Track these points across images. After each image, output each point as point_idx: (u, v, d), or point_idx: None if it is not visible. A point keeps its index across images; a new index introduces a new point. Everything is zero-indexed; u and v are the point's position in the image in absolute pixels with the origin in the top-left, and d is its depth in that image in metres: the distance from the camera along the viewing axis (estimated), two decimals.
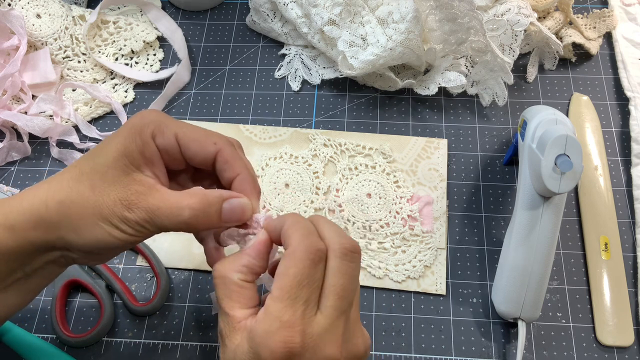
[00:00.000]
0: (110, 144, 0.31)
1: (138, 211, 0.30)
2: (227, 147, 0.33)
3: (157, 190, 0.31)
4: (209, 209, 0.31)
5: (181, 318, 0.45)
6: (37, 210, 0.30)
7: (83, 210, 0.30)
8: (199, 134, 0.32)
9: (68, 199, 0.30)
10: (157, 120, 0.32)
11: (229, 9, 0.61)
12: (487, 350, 0.43)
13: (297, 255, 0.28)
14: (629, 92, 0.52)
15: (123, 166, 0.31)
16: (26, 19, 0.53)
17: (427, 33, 0.52)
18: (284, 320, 0.27)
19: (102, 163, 0.31)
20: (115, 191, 0.30)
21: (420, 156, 0.50)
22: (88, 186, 0.30)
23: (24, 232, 0.30)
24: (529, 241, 0.41)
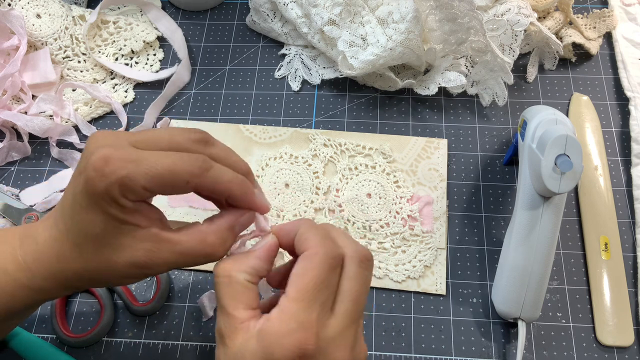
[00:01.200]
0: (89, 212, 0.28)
1: (156, 267, 0.29)
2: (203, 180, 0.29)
3: (166, 241, 0.29)
4: (226, 245, 0.30)
5: (181, 318, 0.45)
6: (61, 279, 0.30)
7: (101, 275, 0.30)
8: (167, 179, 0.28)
9: (81, 269, 0.29)
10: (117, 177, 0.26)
11: (229, 9, 0.61)
12: (487, 350, 0.43)
13: (317, 258, 0.28)
14: (629, 92, 0.52)
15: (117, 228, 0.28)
16: (26, 19, 0.53)
17: (427, 33, 0.52)
18: (300, 321, 0.27)
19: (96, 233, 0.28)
20: (123, 256, 0.29)
21: (420, 156, 0.50)
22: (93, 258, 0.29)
23: (54, 292, 0.31)
24: (529, 241, 0.41)
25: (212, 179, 0.29)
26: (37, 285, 0.30)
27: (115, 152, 0.27)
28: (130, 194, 0.27)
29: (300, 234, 0.30)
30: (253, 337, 0.28)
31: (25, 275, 0.30)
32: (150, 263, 0.29)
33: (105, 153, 0.27)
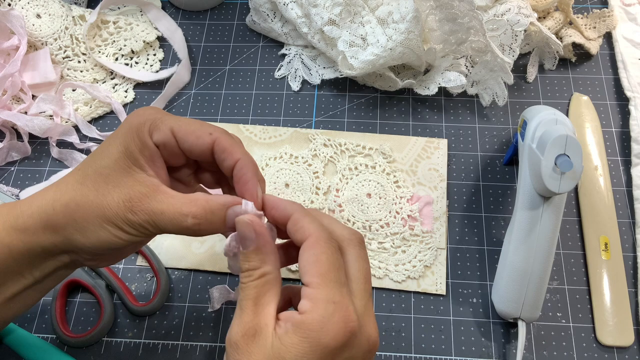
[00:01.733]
0: (111, 146, 0.31)
1: (141, 214, 0.30)
2: (223, 136, 0.32)
3: (161, 192, 0.31)
4: (212, 217, 0.31)
5: (181, 318, 0.45)
6: (45, 213, 0.31)
7: (87, 213, 0.30)
8: (194, 126, 0.32)
9: (73, 201, 0.30)
10: (152, 117, 0.32)
11: (229, 9, 0.61)
12: (487, 350, 0.43)
13: (323, 243, 0.29)
14: (629, 92, 0.52)
15: (125, 167, 0.31)
16: (26, 19, 0.53)
17: (427, 33, 0.52)
18: (335, 302, 0.28)
19: (105, 165, 0.31)
20: (118, 193, 0.30)
21: (420, 156, 0.50)
22: (92, 188, 0.30)
23: (34, 234, 0.31)
24: (529, 241, 0.41)
25: (232, 141, 0.32)
26: (21, 223, 0.31)
27: (155, 107, 0.33)
28: (156, 133, 0.31)
29: (295, 220, 0.31)
30: (288, 332, 0.28)
31: (14, 216, 0.31)
32: (138, 205, 0.30)
33: (146, 107, 0.33)
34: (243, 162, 0.32)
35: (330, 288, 0.28)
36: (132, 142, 0.31)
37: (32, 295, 0.33)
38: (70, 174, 0.32)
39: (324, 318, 0.27)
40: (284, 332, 0.28)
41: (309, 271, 0.29)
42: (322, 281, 0.28)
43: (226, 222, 0.31)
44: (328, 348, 0.27)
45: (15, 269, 0.32)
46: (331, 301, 0.28)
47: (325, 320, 0.27)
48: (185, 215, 0.30)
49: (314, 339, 0.27)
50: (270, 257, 0.31)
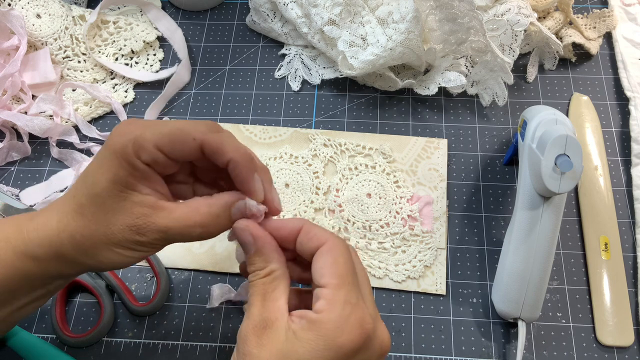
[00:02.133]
0: (98, 173, 0.30)
1: (150, 233, 0.30)
2: (209, 136, 0.31)
3: (162, 208, 0.31)
4: (218, 220, 0.31)
5: (181, 318, 0.45)
6: (54, 244, 0.31)
7: (95, 242, 0.30)
8: (177, 135, 0.30)
9: (78, 233, 0.30)
10: (133, 135, 0.30)
11: (229, 9, 0.61)
12: (487, 350, 0.43)
13: (340, 247, 0.30)
14: (629, 92, 0.52)
15: (118, 192, 0.30)
16: (26, 19, 0.53)
17: (427, 33, 0.52)
18: (353, 303, 0.28)
19: (97, 193, 0.30)
20: (120, 220, 0.30)
21: (420, 156, 0.50)
22: (92, 219, 0.30)
23: (46, 263, 0.31)
24: (529, 241, 0.41)
25: (219, 140, 0.31)
26: (31, 251, 0.31)
27: (134, 121, 0.31)
28: (143, 153, 0.30)
29: (307, 230, 0.31)
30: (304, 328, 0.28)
31: (23, 242, 0.31)
32: (144, 227, 0.30)
33: (126, 121, 0.31)
34: (235, 161, 0.31)
35: (348, 290, 0.29)
36: (120, 167, 0.30)
37: (41, 302, 0.34)
38: (65, 200, 0.31)
39: (341, 318, 0.28)
40: (299, 327, 0.28)
41: (326, 273, 0.29)
42: (340, 283, 0.29)
43: (233, 219, 0.31)
44: (343, 348, 0.28)
45: (29, 286, 0.32)
46: (348, 302, 0.28)
47: (342, 321, 0.28)
48: (192, 227, 0.30)
49: (329, 337, 0.28)
50: (273, 255, 0.31)
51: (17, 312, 0.33)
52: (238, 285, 0.46)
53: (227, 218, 0.31)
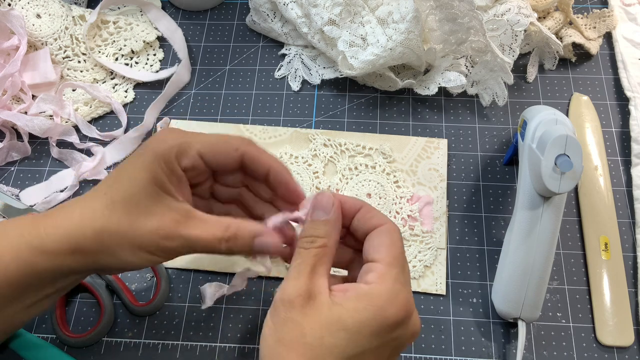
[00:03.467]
0: (136, 171, 0.31)
1: (177, 240, 0.31)
2: (249, 147, 0.34)
3: (194, 217, 0.32)
4: (242, 242, 0.32)
5: (181, 318, 0.45)
6: (75, 239, 0.31)
7: (120, 240, 0.31)
8: (220, 145, 0.33)
9: (105, 229, 0.31)
10: (178, 141, 0.32)
11: (229, 9, 0.61)
12: (487, 350, 0.43)
13: (398, 232, 0.32)
14: (629, 92, 0.52)
15: (154, 194, 0.31)
16: (26, 19, 0.53)
17: (427, 33, 0.52)
18: (402, 282, 0.31)
19: (133, 192, 0.31)
20: (151, 221, 0.31)
21: (420, 156, 0.50)
22: (123, 217, 0.31)
23: (61, 257, 0.31)
24: (529, 241, 0.41)
25: (258, 150, 0.34)
26: (46, 246, 0.31)
27: (176, 129, 0.34)
28: (184, 159, 0.32)
29: (367, 209, 0.33)
30: (351, 299, 0.29)
31: (38, 236, 0.31)
32: (174, 233, 0.31)
33: (168, 129, 0.34)
34: (275, 168, 0.34)
35: (399, 271, 0.31)
36: (160, 169, 0.31)
37: (50, 301, 0.34)
38: (94, 197, 0.32)
39: (391, 293, 0.30)
40: (345, 299, 0.30)
41: (382, 250, 0.31)
42: (394, 262, 0.31)
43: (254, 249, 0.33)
44: (388, 320, 0.29)
45: (39, 284, 0.32)
46: (399, 281, 0.30)
47: (393, 295, 0.30)
48: (220, 241, 0.32)
49: (379, 308, 0.29)
50: (336, 234, 0.32)
51: (22, 312, 0.33)
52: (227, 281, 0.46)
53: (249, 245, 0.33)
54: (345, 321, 0.29)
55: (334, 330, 0.29)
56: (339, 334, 0.29)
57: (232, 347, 0.44)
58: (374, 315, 0.29)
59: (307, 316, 0.29)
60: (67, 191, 0.50)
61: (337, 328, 0.29)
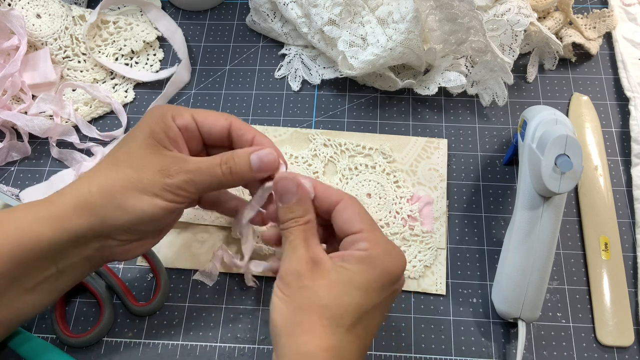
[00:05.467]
0: (137, 131, 0.35)
1: (178, 175, 0.33)
2: (237, 119, 0.38)
3: (190, 158, 0.35)
4: (240, 161, 0.35)
5: (181, 318, 0.45)
6: (81, 196, 0.32)
7: (124, 188, 0.33)
8: (211, 113, 0.37)
9: (110, 179, 0.33)
10: (173, 107, 0.37)
11: (229, 9, 0.61)
12: (487, 350, 0.43)
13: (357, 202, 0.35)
14: (629, 92, 0.52)
15: (153, 146, 0.34)
16: (26, 19, 0.53)
17: (427, 33, 0.52)
18: (387, 240, 0.34)
19: (135, 146, 0.34)
20: (152, 165, 0.33)
21: (420, 156, 0.50)
22: (126, 167, 0.33)
23: (66, 220, 0.32)
24: (529, 241, 0.41)
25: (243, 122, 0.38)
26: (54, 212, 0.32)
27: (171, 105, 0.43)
28: (179, 118, 0.36)
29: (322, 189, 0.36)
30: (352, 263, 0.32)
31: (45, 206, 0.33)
32: (173, 169, 0.33)
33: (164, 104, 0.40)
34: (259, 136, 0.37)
35: (379, 232, 0.34)
36: (157, 125, 0.35)
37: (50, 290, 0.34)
38: (101, 161, 0.35)
39: (387, 251, 0.33)
40: (348, 263, 0.32)
41: (356, 222, 0.34)
42: (372, 227, 0.34)
43: (252, 166, 0.35)
44: (391, 275, 0.32)
45: (41, 259, 0.32)
46: (386, 241, 0.34)
47: (388, 253, 0.33)
48: (219, 165, 0.35)
49: (381, 265, 0.32)
50: (311, 207, 0.35)
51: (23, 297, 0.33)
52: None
53: (247, 162, 0.35)
54: (356, 280, 0.31)
55: (347, 290, 0.31)
56: (353, 292, 0.31)
57: (232, 347, 0.44)
58: (380, 272, 0.32)
59: (318, 281, 0.32)
60: None
61: (350, 287, 0.31)
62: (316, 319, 0.30)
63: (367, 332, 0.32)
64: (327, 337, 0.30)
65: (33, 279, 0.33)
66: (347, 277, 0.32)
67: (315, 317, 0.31)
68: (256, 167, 0.35)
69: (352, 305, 0.31)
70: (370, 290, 0.32)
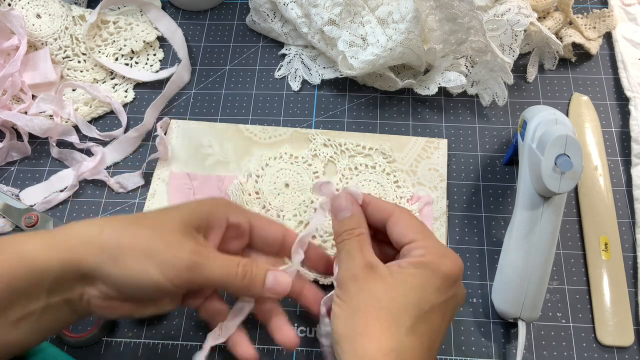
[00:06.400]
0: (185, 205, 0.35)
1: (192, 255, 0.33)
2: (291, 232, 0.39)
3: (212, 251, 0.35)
4: (257, 272, 0.35)
5: (181, 318, 0.45)
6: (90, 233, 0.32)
7: (134, 244, 0.32)
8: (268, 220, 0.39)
9: (125, 231, 0.32)
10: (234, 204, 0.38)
11: (229, 9, 0.61)
12: (487, 350, 0.43)
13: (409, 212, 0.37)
14: (629, 92, 0.52)
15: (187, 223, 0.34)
16: (26, 19, 0.53)
17: (427, 33, 0.52)
18: (442, 245, 0.35)
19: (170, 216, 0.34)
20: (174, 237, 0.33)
21: (420, 156, 0.50)
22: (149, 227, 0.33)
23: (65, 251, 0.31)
24: (529, 241, 0.41)
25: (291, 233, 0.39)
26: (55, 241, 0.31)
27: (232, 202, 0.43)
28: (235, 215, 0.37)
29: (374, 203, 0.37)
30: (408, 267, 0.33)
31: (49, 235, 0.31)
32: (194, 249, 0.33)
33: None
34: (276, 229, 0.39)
35: (434, 239, 0.35)
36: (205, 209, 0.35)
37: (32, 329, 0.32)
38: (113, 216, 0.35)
39: (440, 255, 0.33)
40: (403, 267, 0.33)
41: (408, 233, 0.35)
42: (425, 235, 0.35)
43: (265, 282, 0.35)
44: (447, 275, 0.33)
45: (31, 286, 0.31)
46: (440, 245, 0.34)
47: (442, 257, 0.33)
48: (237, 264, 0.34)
49: (436, 267, 0.33)
50: (365, 223, 0.36)
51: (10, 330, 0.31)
52: None
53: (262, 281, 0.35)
54: (411, 282, 0.32)
55: (404, 291, 0.32)
56: (409, 293, 0.32)
57: None
58: (434, 273, 0.33)
59: (374, 283, 0.32)
60: (67, 191, 0.50)
61: (406, 289, 0.32)
62: (375, 322, 0.31)
63: (429, 336, 0.32)
64: (386, 340, 0.30)
65: (19, 311, 0.31)
66: (402, 278, 0.32)
67: (373, 320, 0.31)
68: (269, 284, 0.36)
69: (409, 306, 0.31)
70: (426, 291, 0.32)
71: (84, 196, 0.51)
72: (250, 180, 0.49)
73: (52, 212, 0.50)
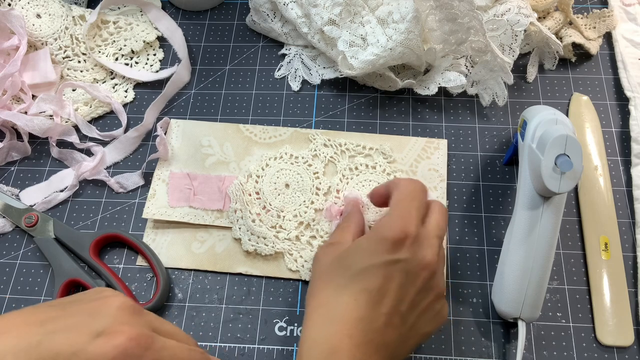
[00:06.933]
0: None
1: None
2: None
3: None
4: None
5: (181, 318, 0.45)
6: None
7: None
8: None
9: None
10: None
11: (229, 9, 0.61)
12: (487, 350, 0.43)
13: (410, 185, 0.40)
14: (629, 92, 0.52)
15: None
16: (26, 19, 0.53)
17: (427, 33, 0.52)
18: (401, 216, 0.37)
19: None
20: None
21: (420, 156, 0.50)
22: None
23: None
24: (529, 241, 0.41)
25: None
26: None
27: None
28: None
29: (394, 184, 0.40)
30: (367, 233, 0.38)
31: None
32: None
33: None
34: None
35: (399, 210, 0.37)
36: None
37: None
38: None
39: (386, 222, 0.37)
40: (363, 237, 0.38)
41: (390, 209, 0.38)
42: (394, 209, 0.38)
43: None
44: (383, 238, 0.36)
45: None
46: (398, 215, 0.37)
47: (386, 223, 0.36)
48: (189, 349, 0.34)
49: (375, 232, 0.37)
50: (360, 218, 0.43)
51: None
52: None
53: None
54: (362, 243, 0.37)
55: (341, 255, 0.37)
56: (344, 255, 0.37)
57: (232, 347, 0.44)
58: (372, 236, 0.37)
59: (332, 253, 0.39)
60: (67, 191, 0.50)
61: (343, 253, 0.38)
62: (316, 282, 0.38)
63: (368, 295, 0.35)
64: (318, 297, 0.36)
65: None
66: (358, 242, 0.38)
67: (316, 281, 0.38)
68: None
69: (342, 267, 0.36)
70: (359, 253, 0.37)
71: (84, 196, 0.51)
72: (251, 181, 0.49)
73: (52, 212, 0.50)
